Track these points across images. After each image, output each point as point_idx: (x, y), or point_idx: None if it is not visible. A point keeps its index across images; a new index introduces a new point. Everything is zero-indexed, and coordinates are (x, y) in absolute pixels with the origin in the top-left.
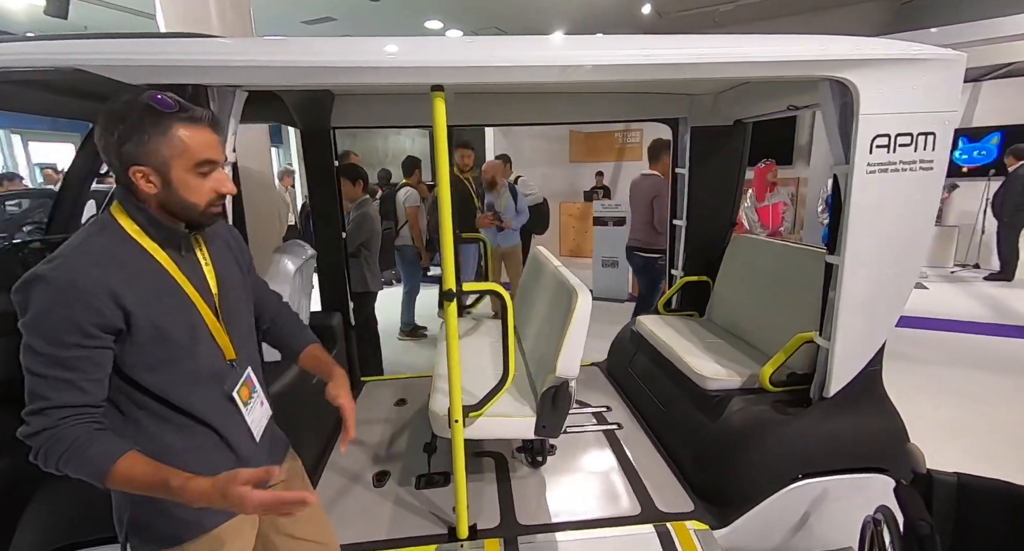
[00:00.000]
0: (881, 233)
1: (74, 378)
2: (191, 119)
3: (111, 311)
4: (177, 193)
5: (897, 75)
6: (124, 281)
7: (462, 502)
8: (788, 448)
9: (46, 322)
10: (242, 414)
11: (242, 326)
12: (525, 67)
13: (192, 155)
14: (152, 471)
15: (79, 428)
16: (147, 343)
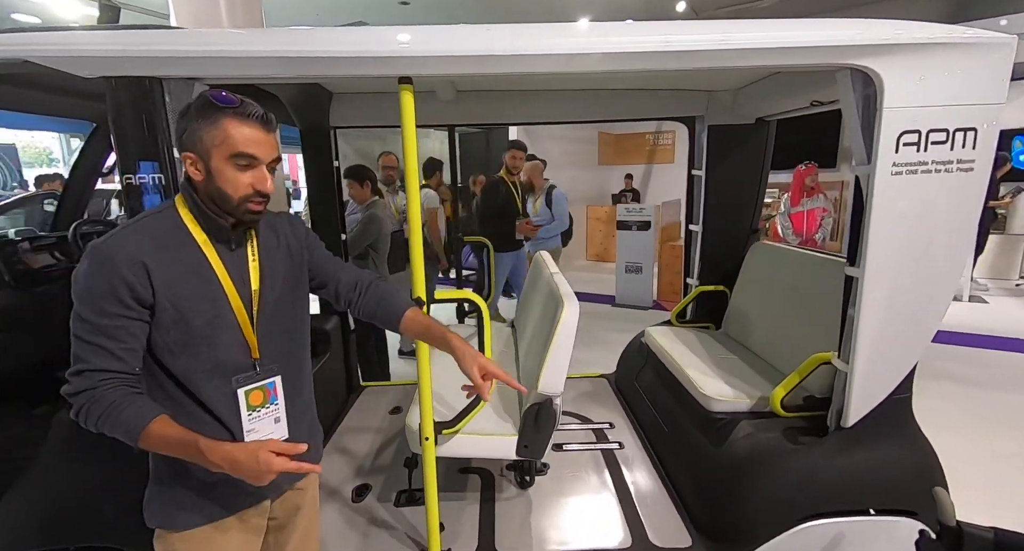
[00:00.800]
0: (908, 243)
1: (112, 346)
2: (240, 114)
3: (143, 286)
4: (214, 182)
5: (928, 62)
6: (158, 260)
7: (434, 526)
8: (798, 482)
9: (89, 291)
10: (239, 417)
11: (281, 327)
12: (501, 57)
13: (230, 146)
14: (183, 432)
15: (117, 391)
16: (169, 325)
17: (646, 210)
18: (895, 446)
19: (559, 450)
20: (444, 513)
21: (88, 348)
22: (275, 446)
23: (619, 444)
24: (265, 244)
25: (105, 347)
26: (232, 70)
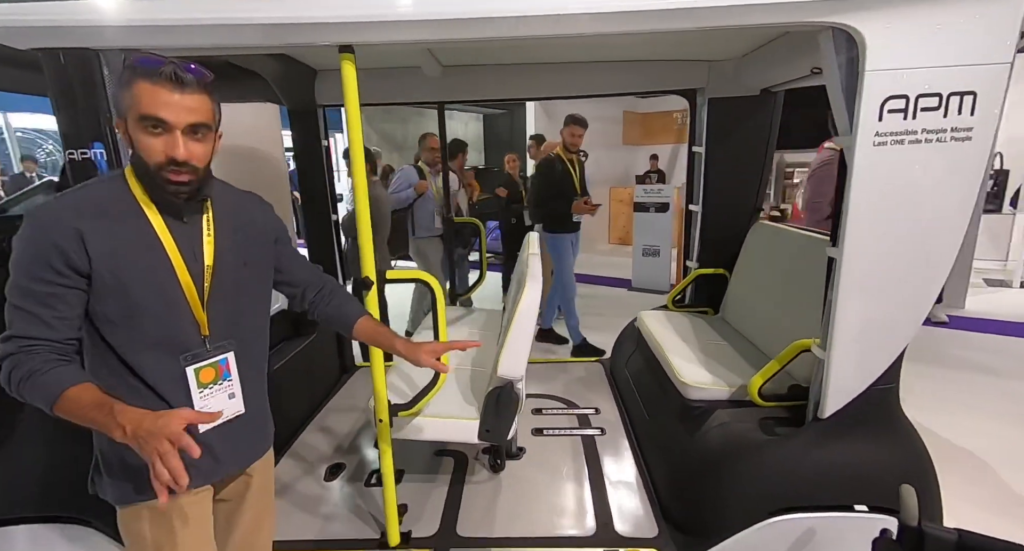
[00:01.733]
0: (893, 220)
1: (42, 313)
2: (150, 75)
3: (77, 253)
4: (136, 149)
5: (919, 19)
6: (97, 229)
7: (391, 508)
8: (769, 475)
9: (24, 257)
10: (190, 394)
11: (234, 306)
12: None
13: (137, 108)
14: (99, 396)
15: (39, 357)
16: (108, 294)
17: (664, 191)
18: (877, 440)
19: (539, 435)
20: (411, 494)
21: (19, 314)
22: (187, 414)
23: (601, 430)
24: (224, 221)
25: (35, 313)
26: (164, 40)
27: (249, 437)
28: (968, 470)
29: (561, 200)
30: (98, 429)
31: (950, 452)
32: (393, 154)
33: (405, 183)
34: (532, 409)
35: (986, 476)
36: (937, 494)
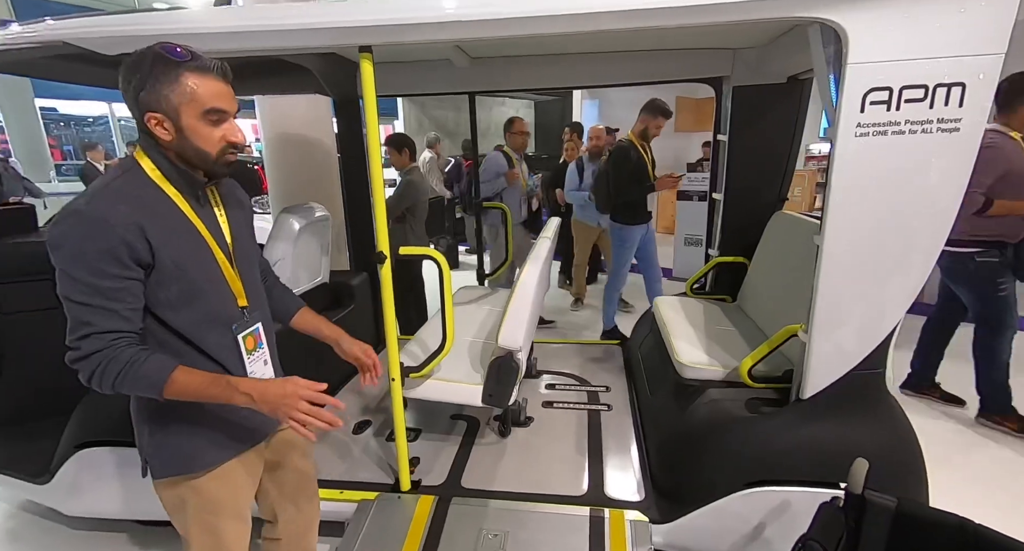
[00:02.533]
0: (875, 210)
1: (117, 307)
2: (200, 68)
3: (141, 244)
4: (189, 140)
5: (902, 13)
6: (149, 218)
7: (403, 457)
8: (748, 449)
9: (86, 253)
10: (242, 359)
11: (253, 278)
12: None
13: (200, 103)
14: (208, 374)
15: (130, 350)
16: (169, 280)
17: (708, 178)
18: (859, 422)
19: (549, 407)
20: (425, 450)
21: (90, 311)
22: (303, 383)
23: (607, 406)
24: (226, 201)
25: (110, 308)
26: (221, 45)
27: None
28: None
29: (636, 188)
30: (215, 401)
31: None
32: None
33: (493, 171)
34: (546, 384)
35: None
36: (923, 477)
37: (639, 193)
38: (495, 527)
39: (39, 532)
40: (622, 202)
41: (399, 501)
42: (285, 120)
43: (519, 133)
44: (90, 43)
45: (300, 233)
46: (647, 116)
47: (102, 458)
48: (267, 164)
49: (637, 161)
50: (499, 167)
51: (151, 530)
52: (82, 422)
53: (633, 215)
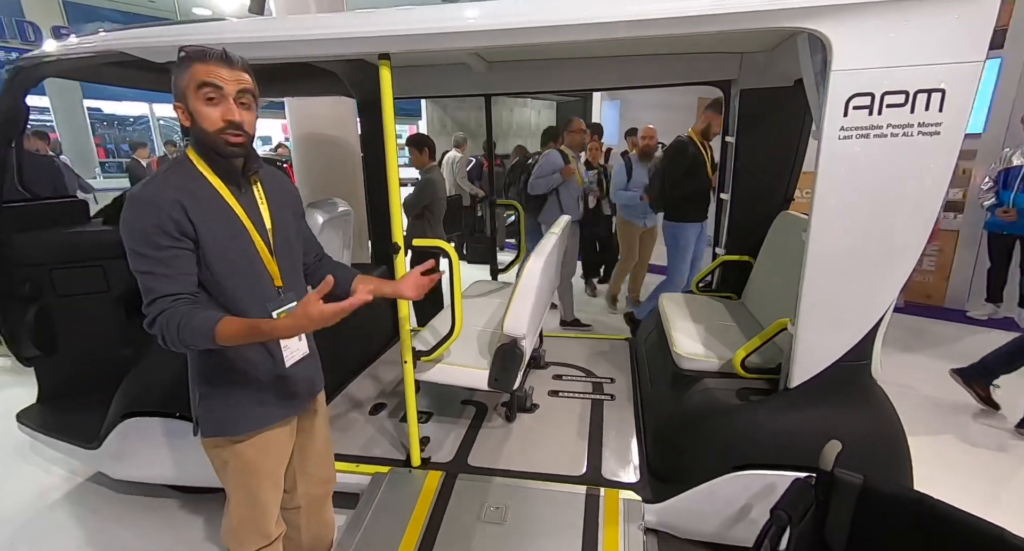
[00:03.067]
0: (859, 208)
1: (171, 273)
2: (204, 57)
3: (184, 221)
4: (197, 122)
5: (883, 22)
6: (192, 202)
7: (414, 436)
8: (734, 435)
9: (143, 231)
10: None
11: (291, 261)
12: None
13: (195, 79)
14: (246, 322)
15: (184, 307)
16: (211, 257)
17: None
18: (844, 411)
19: (555, 396)
20: (436, 431)
21: (154, 279)
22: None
23: (611, 396)
24: (269, 190)
25: (167, 275)
26: (255, 53)
27: (313, 373)
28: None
29: (691, 186)
30: (263, 339)
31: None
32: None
33: (549, 168)
34: (553, 375)
35: None
36: (907, 464)
37: (693, 189)
38: (497, 501)
39: (89, 495)
40: (676, 198)
41: (410, 475)
42: (311, 121)
43: (577, 131)
44: (143, 52)
45: (323, 226)
46: (712, 114)
47: (145, 427)
48: (295, 162)
49: (694, 157)
50: (555, 163)
51: (188, 499)
52: (128, 394)
53: (686, 212)
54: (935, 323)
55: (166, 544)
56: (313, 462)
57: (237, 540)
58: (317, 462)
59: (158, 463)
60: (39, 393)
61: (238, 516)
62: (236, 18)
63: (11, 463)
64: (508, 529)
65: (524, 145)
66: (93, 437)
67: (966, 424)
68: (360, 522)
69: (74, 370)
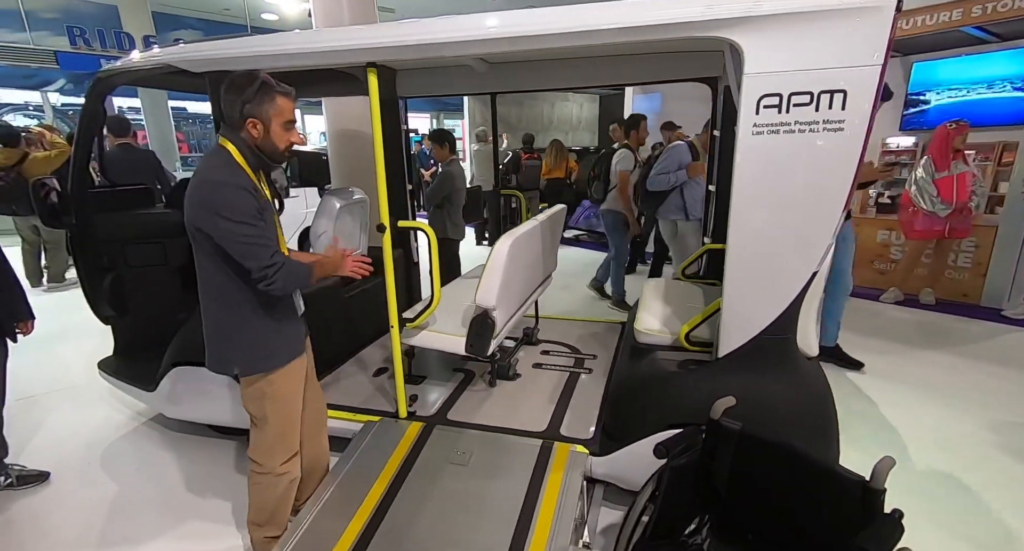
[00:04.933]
0: (772, 196)
1: (267, 241)
2: (284, 93)
3: (258, 202)
4: (271, 139)
5: (789, 31)
6: (252, 187)
7: (401, 391)
8: (670, 398)
9: (245, 209)
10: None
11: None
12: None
13: (284, 115)
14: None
15: (290, 262)
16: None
17: None
18: (768, 379)
19: (538, 368)
20: (424, 391)
21: (264, 241)
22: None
23: (589, 370)
24: (269, 182)
25: (270, 239)
26: (267, 64)
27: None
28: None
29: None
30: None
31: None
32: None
33: (676, 162)
34: (541, 351)
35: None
36: (833, 432)
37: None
38: (465, 448)
39: (149, 432)
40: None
41: (396, 424)
42: (344, 118)
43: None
44: (183, 64)
45: (340, 211)
46: None
47: (190, 374)
48: (330, 155)
49: None
50: (682, 159)
51: (223, 438)
52: (177, 346)
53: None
54: (964, 321)
55: (204, 470)
56: (309, 393)
57: (270, 454)
58: (312, 393)
59: (199, 405)
60: (114, 346)
61: (273, 436)
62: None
63: (93, 404)
64: (470, 470)
65: (560, 139)
66: (151, 382)
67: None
68: (350, 457)
69: (141, 328)
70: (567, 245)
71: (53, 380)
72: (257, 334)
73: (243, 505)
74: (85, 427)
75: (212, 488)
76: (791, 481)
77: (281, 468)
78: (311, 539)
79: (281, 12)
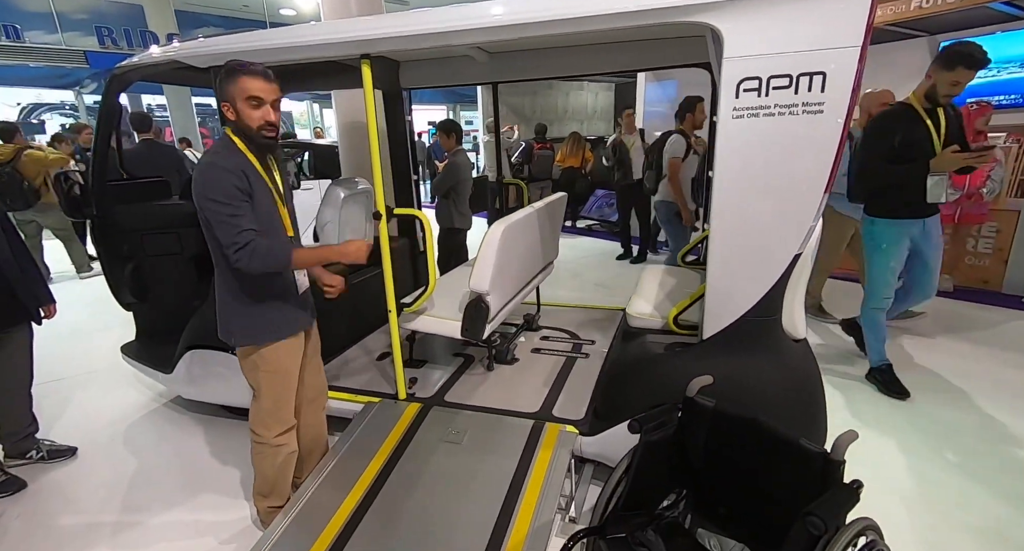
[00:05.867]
0: (753, 179)
1: (238, 219)
2: (248, 72)
3: (245, 183)
4: (242, 119)
5: (768, 14)
6: (248, 171)
7: (399, 373)
8: (657, 379)
9: (223, 188)
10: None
11: (294, 218)
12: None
13: (244, 91)
14: (315, 249)
15: (262, 241)
16: (258, 212)
17: None
18: (751, 360)
19: (537, 353)
20: (425, 374)
21: (239, 218)
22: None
23: (586, 355)
24: (281, 168)
25: (246, 216)
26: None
27: (311, 304)
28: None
29: (907, 168)
30: (323, 262)
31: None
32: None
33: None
34: (540, 336)
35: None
36: (818, 411)
37: (904, 174)
38: (459, 427)
39: (168, 412)
40: (877, 186)
41: (395, 405)
42: (353, 111)
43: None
44: (188, 60)
45: (344, 201)
46: (938, 68)
47: (203, 357)
48: (340, 146)
49: (908, 129)
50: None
51: (235, 417)
52: (191, 331)
53: (893, 205)
54: (983, 309)
55: (217, 447)
56: (312, 368)
57: (264, 425)
58: (315, 368)
59: (212, 386)
60: (136, 331)
61: (266, 408)
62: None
63: (117, 385)
64: (463, 448)
65: (577, 130)
66: (169, 365)
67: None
68: (350, 435)
69: (159, 314)
70: (579, 235)
71: (80, 364)
72: (252, 308)
73: (252, 479)
74: (109, 407)
75: (225, 464)
76: (760, 454)
77: (276, 440)
78: (311, 509)
79: (298, 7)
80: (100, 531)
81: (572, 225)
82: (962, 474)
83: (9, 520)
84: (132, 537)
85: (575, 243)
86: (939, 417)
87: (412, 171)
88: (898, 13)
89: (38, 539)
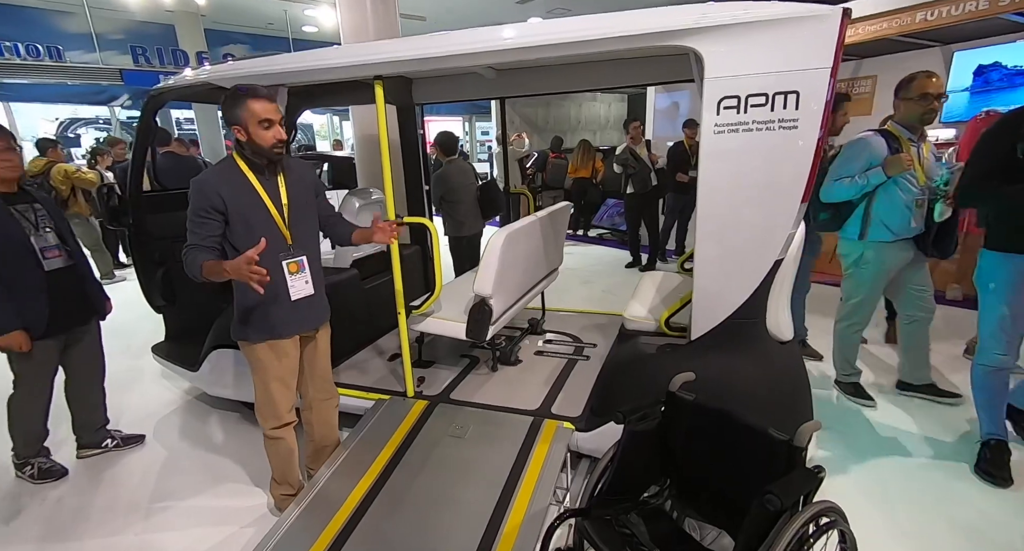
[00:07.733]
0: (734, 190)
1: (201, 231)
2: (255, 95)
3: (218, 201)
4: (254, 140)
5: (745, 38)
6: (227, 187)
7: (408, 372)
8: (647, 378)
9: (195, 203)
10: (284, 276)
11: (303, 228)
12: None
13: (257, 116)
14: (217, 262)
15: (192, 253)
16: (236, 222)
17: None
18: (737, 360)
19: (540, 355)
20: (432, 374)
21: (191, 233)
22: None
23: (587, 357)
24: (290, 178)
25: (196, 231)
26: (286, 79)
27: (317, 309)
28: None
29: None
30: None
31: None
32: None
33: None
34: (544, 340)
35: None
36: (803, 409)
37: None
38: (463, 423)
39: (194, 407)
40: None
41: (403, 402)
42: (369, 124)
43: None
44: (221, 82)
45: (359, 210)
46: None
47: (226, 356)
48: (356, 158)
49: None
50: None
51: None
52: (216, 332)
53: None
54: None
55: (240, 440)
56: (317, 374)
57: (261, 416)
58: (320, 375)
59: (233, 384)
60: (166, 332)
61: (258, 400)
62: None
63: (149, 383)
64: (465, 441)
65: (589, 139)
66: (195, 364)
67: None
68: (361, 429)
69: (188, 316)
70: (590, 243)
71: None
72: (246, 309)
73: (270, 470)
74: (142, 402)
75: (245, 455)
76: (734, 444)
77: (271, 432)
78: (323, 497)
79: (320, 24)
80: (134, 514)
81: (584, 234)
82: (949, 475)
83: (51, 503)
84: (163, 519)
85: (586, 251)
86: (935, 418)
87: (424, 181)
88: (903, 26)
89: (80, 519)
